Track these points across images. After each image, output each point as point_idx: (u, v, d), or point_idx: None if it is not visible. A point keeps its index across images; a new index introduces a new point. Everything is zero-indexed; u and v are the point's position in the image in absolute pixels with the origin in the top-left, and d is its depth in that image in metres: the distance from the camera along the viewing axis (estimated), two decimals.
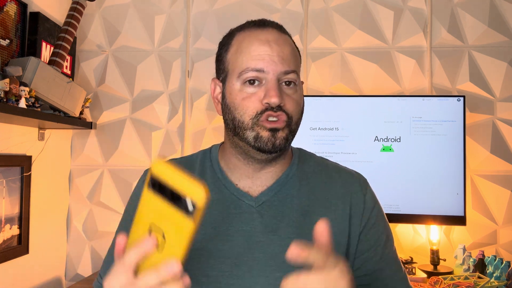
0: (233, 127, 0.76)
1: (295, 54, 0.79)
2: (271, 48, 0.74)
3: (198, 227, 0.77)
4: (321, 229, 0.57)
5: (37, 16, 1.65)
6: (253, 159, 0.77)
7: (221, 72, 0.80)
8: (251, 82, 0.74)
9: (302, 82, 0.83)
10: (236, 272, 0.72)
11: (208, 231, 0.75)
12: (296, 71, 0.77)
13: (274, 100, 0.72)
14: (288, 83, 0.75)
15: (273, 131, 0.73)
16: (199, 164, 0.84)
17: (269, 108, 0.72)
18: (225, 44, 0.80)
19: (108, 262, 0.84)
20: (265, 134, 0.73)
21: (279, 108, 0.73)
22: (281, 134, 0.74)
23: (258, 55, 0.74)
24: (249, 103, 0.73)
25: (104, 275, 0.83)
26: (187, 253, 0.52)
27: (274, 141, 0.73)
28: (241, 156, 0.78)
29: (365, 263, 0.79)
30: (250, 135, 0.73)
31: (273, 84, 0.73)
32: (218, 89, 0.80)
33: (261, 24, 0.78)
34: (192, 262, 0.72)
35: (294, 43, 0.81)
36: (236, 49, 0.77)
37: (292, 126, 0.76)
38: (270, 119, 0.73)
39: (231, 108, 0.76)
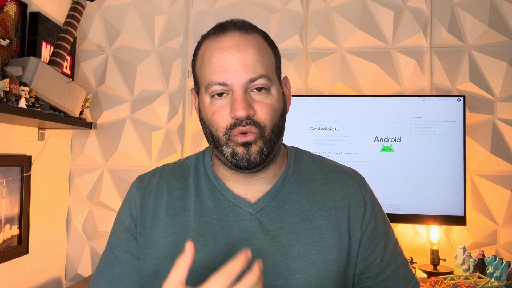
0: (212, 142, 0.74)
1: (263, 55, 0.72)
2: (232, 56, 0.69)
3: (198, 238, 0.75)
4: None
5: (37, 16, 1.65)
6: (238, 170, 0.74)
7: (195, 83, 0.78)
8: (219, 94, 0.70)
9: (286, 77, 0.79)
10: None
11: (208, 241, 0.73)
12: (265, 75, 0.70)
13: (240, 114, 0.68)
14: (259, 89, 0.70)
15: (246, 146, 0.70)
16: (193, 170, 0.81)
17: (237, 122, 0.69)
18: (194, 55, 0.77)
19: (102, 272, 0.80)
20: (239, 150, 0.70)
21: (249, 120, 0.69)
22: (254, 149, 0.70)
23: (219, 67, 0.70)
24: (218, 118, 0.71)
25: (94, 286, 0.79)
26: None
27: (248, 158, 0.70)
28: (227, 166, 0.76)
29: (368, 267, 0.78)
30: (227, 151, 0.71)
31: (238, 96, 0.69)
32: (197, 100, 0.78)
33: (222, 29, 0.73)
34: (194, 275, 0.69)
35: (265, 39, 0.75)
36: (201, 61, 0.74)
37: (267, 136, 0.71)
38: (241, 132, 0.70)
39: (206, 123, 0.74)
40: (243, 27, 0.73)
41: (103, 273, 0.80)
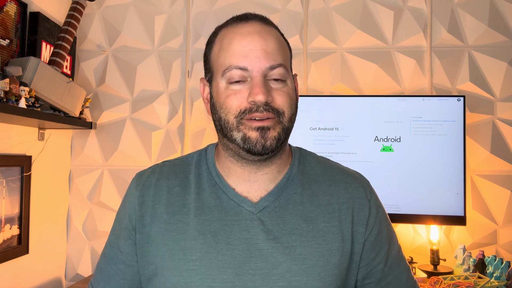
0: (220, 128, 0.72)
1: (282, 46, 0.74)
2: (254, 41, 0.70)
3: (198, 236, 0.74)
4: None
5: (37, 16, 1.64)
6: (246, 161, 0.73)
7: (207, 71, 0.77)
8: (237, 80, 0.70)
9: (296, 75, 0.79)
10: (238, 282, 0.69)
11: (208, 240, 0.72)
12: (284, 65, 0.71)
13: (259, 98, 0.67)
14: (276, 79, 0.70)
15: (262, 130, 0.68)
16: (195, 167, 0.80)
17: (254, 107, 0.68)
18: (209, 43, 0.77)
19: (101, 269, 0.81)
20: (253, 134, 0.68)
21: (267, 106, 0.68)
22: (272, 134, 0.69)
23: (240, 51, 0.69)
24: (233, 100, 0.69)
25: (95, 283, 0.81)
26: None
27: (264, 143, 0.68)
28: (233, 158, 0.74)
29: (371, 272, 0.78)
30: (237, 136, 0.69)
31: (258, 80, 0.68)
32: (207, 89, 0.77)
33: (243, 18, 0.74)
34: (193, 273, 0.70)
35: (282, 35, 0.76)
36: (219, 46, 0.73)
37: (285, 123, 0.71)
38: (257, 118, 0.68)
39: (217, 108, 0.72)
40: (264, 19, 0.75)
41: (101, 269, 0.81)
